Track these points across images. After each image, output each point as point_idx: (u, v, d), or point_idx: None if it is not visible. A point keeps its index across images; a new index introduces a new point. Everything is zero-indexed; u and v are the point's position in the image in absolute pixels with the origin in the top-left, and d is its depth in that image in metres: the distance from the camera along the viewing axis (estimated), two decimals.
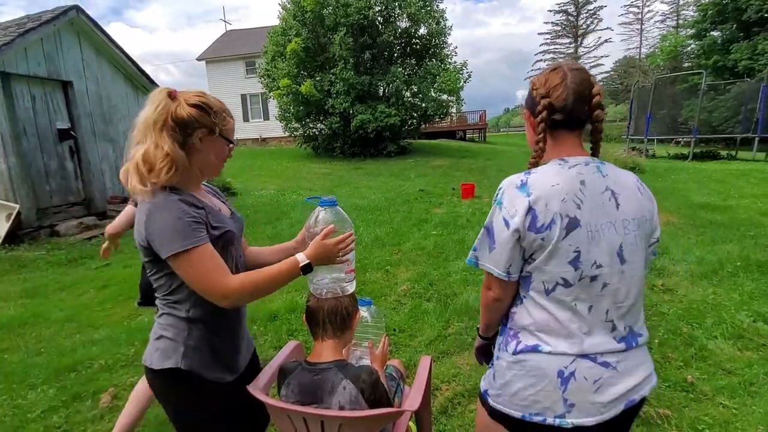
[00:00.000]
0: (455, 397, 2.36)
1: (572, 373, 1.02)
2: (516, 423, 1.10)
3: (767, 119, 13.15)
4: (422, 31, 15.01)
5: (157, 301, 1.20)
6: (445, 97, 15.18)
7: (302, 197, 9.20)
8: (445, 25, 15.06)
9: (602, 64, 42.85)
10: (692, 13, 27.14)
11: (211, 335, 1.20)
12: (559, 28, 34.75)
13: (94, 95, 7.12)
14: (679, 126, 16.55)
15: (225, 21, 30.81)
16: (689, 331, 2.93)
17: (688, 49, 25.05)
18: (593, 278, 1.00)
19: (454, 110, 16.30)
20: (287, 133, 16.11)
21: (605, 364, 1.02)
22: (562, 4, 34.24)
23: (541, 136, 1.08)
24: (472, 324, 3.13)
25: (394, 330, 3.12)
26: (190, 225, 1.06)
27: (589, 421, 1.02)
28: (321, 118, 14.68)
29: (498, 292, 1.10)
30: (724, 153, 14.54)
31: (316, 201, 1.36)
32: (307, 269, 1.18)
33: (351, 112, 13.86)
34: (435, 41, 15.15)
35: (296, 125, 15.16)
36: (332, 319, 1.38)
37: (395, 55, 15.19)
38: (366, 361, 1.73)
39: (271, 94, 14.75)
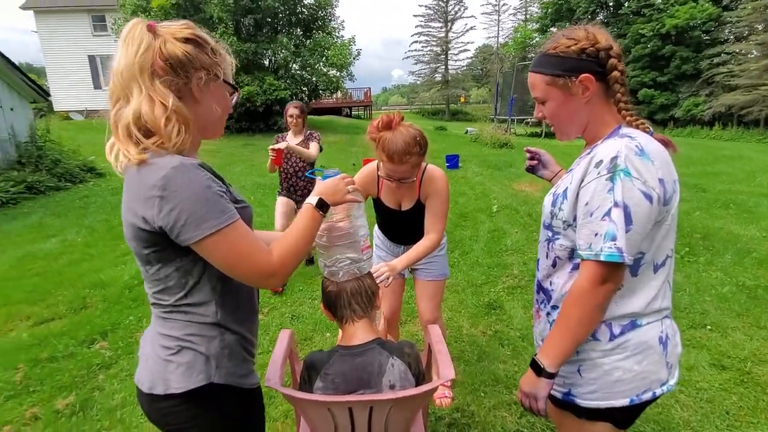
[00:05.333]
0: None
1: (666, 335, 0.99)
2: (620, 412, 1.01)
3: None
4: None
5: (157, 309, 0.94)
6: (334, 72, 14.86)
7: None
8: None
9: (468, 50, 46.68)
10: (537, 10, 31.29)
11: (243, 333, 0.99)
12: (431, 12, 36.64)
13: None
14: (529, 108, 19.23)
15: None
16: None
17: (534, 41, 28.87)
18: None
19: (346, 85, 16.07)
20: None
21: (670, 314, 1.02)
22: None
23: (619, 96, 0.96)
24: None
25: None
26: (221, 196, 0.84)
27: (677, 374, 1.03)
28: None
29: (618, 280, 0.91)
30: None
31: (320, 175, 1.22)
32: (322, 206, 1.03)
33: (236, 82, 12.63)
34: (321, 13, 14.61)
35: None
36: (358, 299, 1.28)
37: (281, 23, 14.22)
38: None
39: None
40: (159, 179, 0.79)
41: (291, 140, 3.51)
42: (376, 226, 2.16)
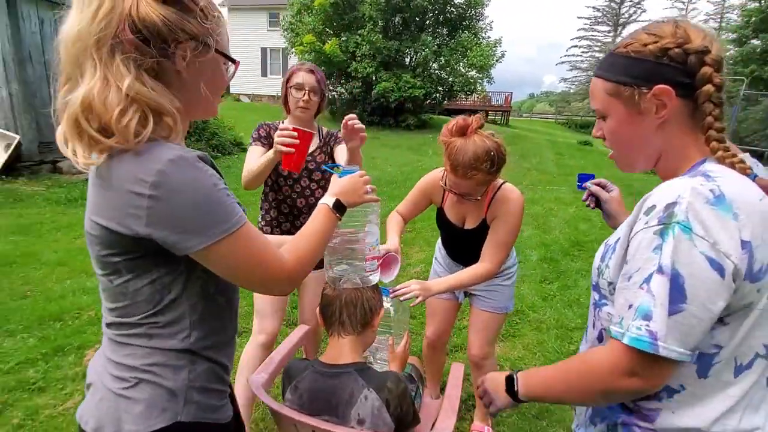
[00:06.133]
0: (469, 399, 2.14)
1: None
2: None
3: None
4: None
5: (112, 330, 0.76)
6: (473, 73, 14.49)
7: None
8: None
9: None
10: (735, 17, 25.48)
11: (219, 360, 0.82)
12: (599, 14, 32.94)
13: None
14: None
15: None
16: None
17: (727, 54, 23.69)
18: None
19: (486, 87, 15.47)
20: None
21: None
22: None
23: (710, 119, 0.69)
24: None
25: None
26: (228, 194, 0.70)
27: None
28: (342, 81, 14.12)
29: (655, 380, 0.66)
30: None
31: (336, 171, 1.10)
32: (339, 208, 0.93)
33: (374, 78, 13.28)
34: (471, 12, 14.35)
35: None
36: (351, 311, 1.13)
37: (427, 22, 14.43)
38: (384, 356, 1.50)
39: (293, 49, 14.15)
40: (151, 174, 0.63)
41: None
42: (439, 240, 1.96)
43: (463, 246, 1.77)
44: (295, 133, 1.37)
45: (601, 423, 0.78)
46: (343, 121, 1.36)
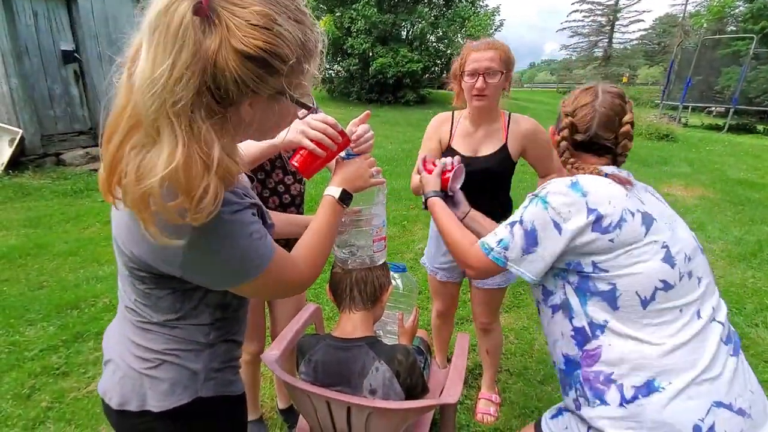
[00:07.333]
0: (476, 368, 2.22)
1: (711, 428, 0.77)
2: None
3: None
4: None
5: (133, 316, 0.78)
6: None
7: None
8: None
9: (642, 20, 39.65)
10: None
11: (235, 339, 0.87)
12: None
13: (99, 15, 6.59)
14: (714, 94, 15.50)
15: None
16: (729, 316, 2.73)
17: (737, 11, 22.90)
18: (690, 275, 0.89)
19: None
20: None
21: (741, 412, 0.79)
22: None
23: (563, 157, 1.03)
24: None
25: None
26: (260, 238, 0.70)
27: None
28: (338, 58, 13.85)
29: (483, 275, 1.06)
30: (760, 127, 13.77)
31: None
32: (345, 198, 0.92)
33: (371, 54, 13.02)
34: None
35: None
36: (361, 288, 1.18)
37: None
38: (393, 330, 1.56)
39: None
40: (189, 229, 0.60)
41: None
42: None
43: (474, 183, 1.46)
44: (340, 137, 0.95)
45: (571, 390, 0.94)
46: (355, 133, 1.10)
